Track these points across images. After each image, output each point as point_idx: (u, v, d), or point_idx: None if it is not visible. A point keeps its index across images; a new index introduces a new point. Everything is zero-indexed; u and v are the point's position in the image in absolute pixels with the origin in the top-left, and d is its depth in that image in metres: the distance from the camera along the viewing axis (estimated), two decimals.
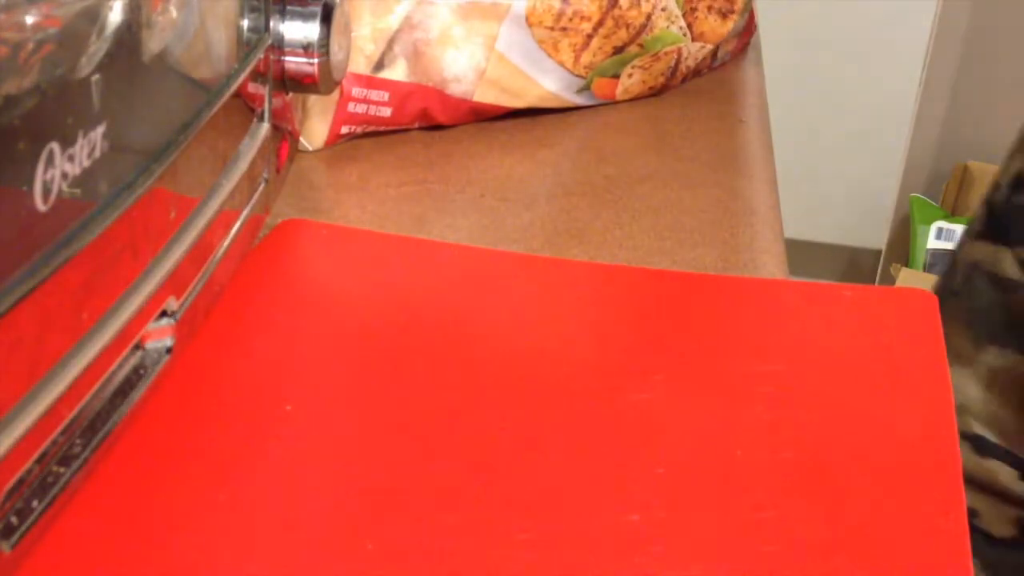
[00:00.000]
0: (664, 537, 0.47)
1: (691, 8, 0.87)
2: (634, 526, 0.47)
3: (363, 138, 0.80)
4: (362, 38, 0.74)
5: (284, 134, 0.61)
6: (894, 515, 0.48)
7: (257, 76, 0.55)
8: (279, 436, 0.51)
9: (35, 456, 0.37)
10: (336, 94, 0.73)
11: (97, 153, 0.38)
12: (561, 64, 0.81)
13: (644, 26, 0.83)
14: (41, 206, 0.35)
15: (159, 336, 0.46)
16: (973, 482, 0.70)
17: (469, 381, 0.56)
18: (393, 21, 0.74)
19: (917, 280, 2.06)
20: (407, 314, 0.60)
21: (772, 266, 0.67)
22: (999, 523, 0.71)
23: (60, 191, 0.35)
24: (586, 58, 0.83)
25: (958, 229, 2.30)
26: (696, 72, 0.94)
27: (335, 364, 0.56)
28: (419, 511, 0.47)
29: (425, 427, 0.52)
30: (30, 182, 0.34)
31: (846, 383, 0.57)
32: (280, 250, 0.65)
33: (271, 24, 0.56)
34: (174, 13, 0.44)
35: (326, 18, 0.58)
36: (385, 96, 0.76)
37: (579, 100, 0.86)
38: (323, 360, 0.56)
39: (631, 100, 0.89)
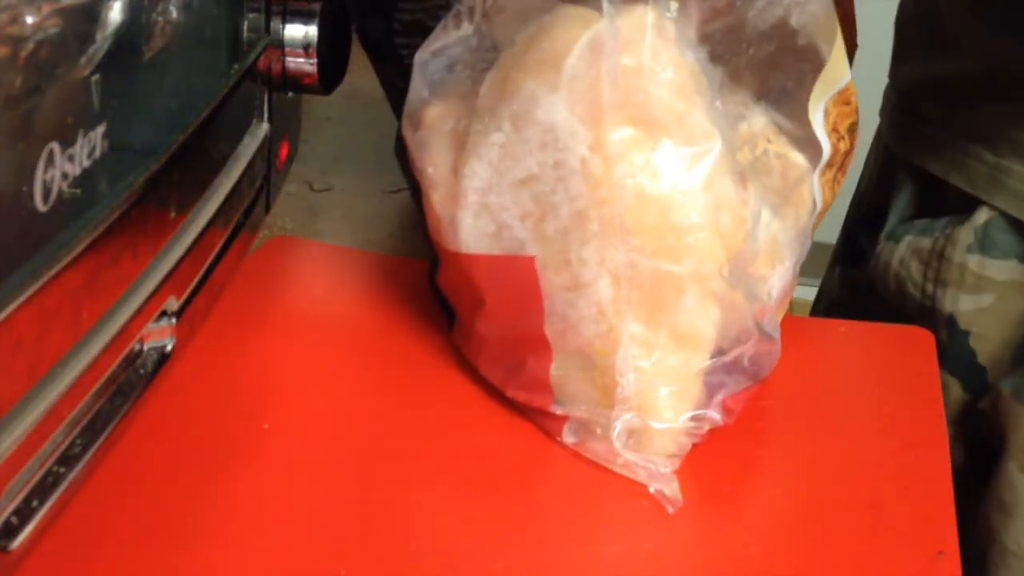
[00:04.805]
0: (648, 570, 0.46)
1: None
2: (618, 556, 0.47)
3: None
4: None
5: (284, 134, 0.61)
6: (885, 554, 0.47)
7: (257, 76, 0.55)
8: (260, 453, 0.51)
9: (35, 456, 0.37)
10: None
11: (97, 153, 0.37)
12: None
13: None
14: (41, 206, 0.35)
15: (159, 336, 0.45)
16: None
17: (450, 399, 0.55)
18: None
19: None
20: (386, 330, 0.60)
21: None
22: None
23: (60, 191, 0.35)
24: None
25: None
26: None
27: (318, 382, 0.56)
28: (393, 535, 0.47)
29: (402, 446, 0.52)
30: (30, 182, 0.34)
31: (838, 420, 0.56)
32: (268, 267, 0.65)
33: (271, 24, 0.56)
34: (174, 13, 0.44)
35: (324, 19, 0.58)
36: None
37: None
38: (305, 378, 0.56)
39: None
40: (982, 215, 0.69)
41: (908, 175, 0.76)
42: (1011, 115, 0.68)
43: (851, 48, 0.56)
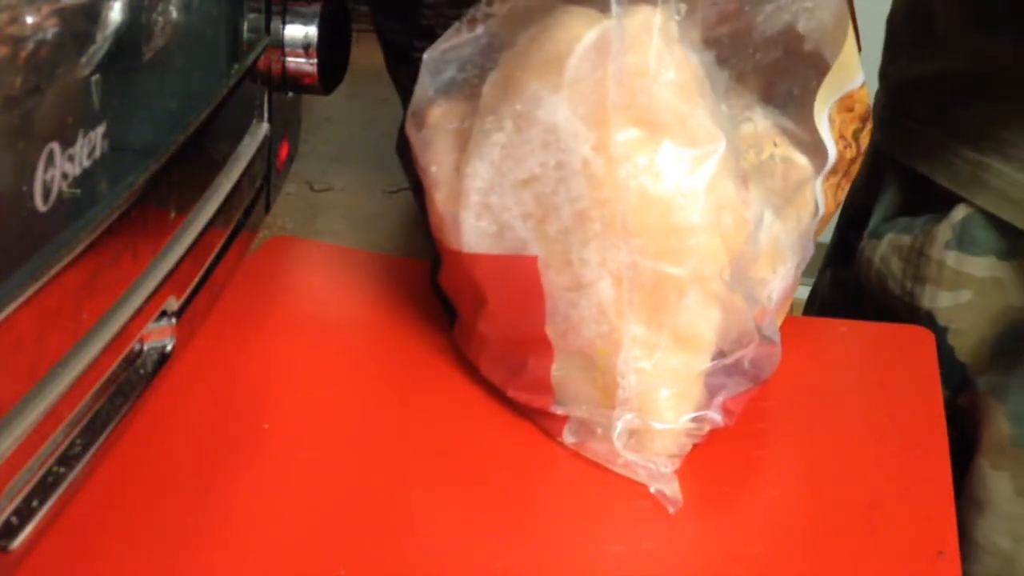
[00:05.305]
0: (648, 570, 0.46)
1: None
2: (618, 556, 0.47)
3: None
4: None
5: (284, 134, 0.61)
6: (885, 554, 0.47)
7: (257, 76, 0.55)
8: (260, 453, 0.51)
9: (35, 456, 0.37)
10: None
11: (97, 153, 0.37)
12: None
13: None
14: (41, 206, 0.35)
15: (159, 336, 0.45)
16: None
17: (450, 399, 0.55)
18: None
19: None
20: (387, 330, 0.60)
21: None
22: None
23: (60, 191, 0.35)
24: None
25: None
26: None
27: (318, 382, 0.56)
28: (393, 535, 0.47)
29: (402, 446, 0.52)
30: (30, 182, 0.34)
31: (838, 420, 0.56)
32: (268, 267, 0.65)
33: (271, 24, 0.56)
34: (174, 13, 0.44)
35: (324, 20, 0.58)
36: None
37: None
38: (305, 378, 0.56)
39: None
40: (960, 212, 0.70)
41: (896, 175, 0.77)
42: (999, 114, 0.68)
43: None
